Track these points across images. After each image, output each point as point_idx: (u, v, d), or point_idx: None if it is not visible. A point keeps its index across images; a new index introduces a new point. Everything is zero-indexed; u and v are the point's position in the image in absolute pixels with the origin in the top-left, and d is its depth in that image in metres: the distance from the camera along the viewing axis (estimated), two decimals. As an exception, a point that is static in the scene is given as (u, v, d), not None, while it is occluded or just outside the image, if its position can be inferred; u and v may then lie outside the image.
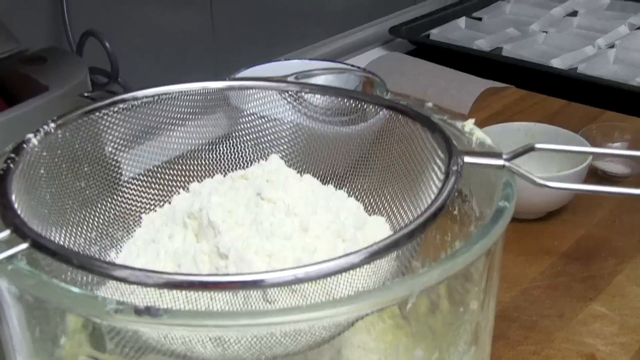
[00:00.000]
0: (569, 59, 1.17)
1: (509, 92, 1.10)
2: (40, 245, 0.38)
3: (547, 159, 0.82)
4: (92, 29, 0.80)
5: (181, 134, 0.55)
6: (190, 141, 0.56)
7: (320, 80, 0.56)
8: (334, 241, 0.45)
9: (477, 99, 1.05)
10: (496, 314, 0.68)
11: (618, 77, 1.11)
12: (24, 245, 0.38)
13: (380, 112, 0.52)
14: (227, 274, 0.40)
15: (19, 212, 0.41)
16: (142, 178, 0.54)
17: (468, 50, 1.21)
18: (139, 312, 0.36)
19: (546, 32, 1.29)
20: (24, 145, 0.46)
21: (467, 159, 0.45)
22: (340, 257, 0.37)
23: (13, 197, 0.42)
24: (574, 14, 1.36)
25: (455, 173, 0.43)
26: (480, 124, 0.92)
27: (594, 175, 0.88)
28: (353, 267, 0.37)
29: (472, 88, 1.06)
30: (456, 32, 1.30)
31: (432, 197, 0.46)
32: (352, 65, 0.85)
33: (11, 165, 0.44)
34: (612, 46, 1.22)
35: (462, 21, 1.33)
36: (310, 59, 0.93)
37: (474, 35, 1.28)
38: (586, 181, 0.80)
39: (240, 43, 1.12)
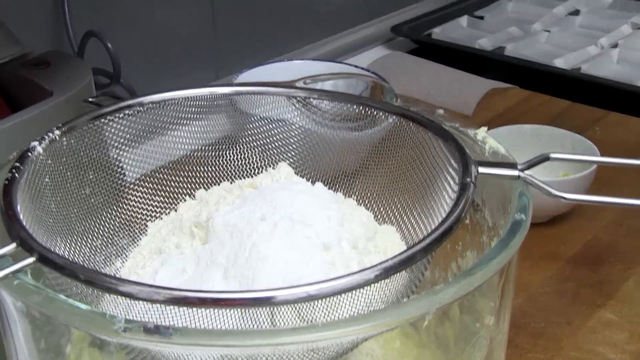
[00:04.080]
0: (572, 58, 1.16)
1: (513, 93, 1.09)
2: (47, 259, 0.37)
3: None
4: (93, 29, 0.79)
5: (186, 139, 0.54)
6: (195, 145, 0.55)
7: (327, 84, 0.55)
8: (348, 253, 0.44)
9: (481, 100, 1.04)
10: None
11: (621, 77, 1.10)
12: (31, 260, 0.37)
13: (390, 119, 0.51)
14: (238, 291, 0.39)
15: (24, 223, 0.40)
16: (147, 185, 0.53)
17: (470, 49, 1.20)
18: (149, 331, 0.35)
19: (549, 31, 1.28)
20: (29, 154, 0.45)
21: (482, 170, 0.44)
22: (354, 273, 0.36)
23: (19, 208, 0.41)
24: (576, 12, 1.35)
25: (470, 184, 0.42)
26: (484, 125, 0.92)
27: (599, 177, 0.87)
28: (368, 283, 0.36)
29: (475, 89, 1.05)
30: (458, 30, 1.29)
31: (445, 207, 0.45)
32: (358, 67, 0.84)
33: (16, 175, 0.43)
34: (615, 46, 1.21)
35: (464, 20, 1.32)
36: (313, 59, 0.92)
37: (476, 34, 1.27)
38: (593, 184, 0.79)
39: (242, 42, 1.11)
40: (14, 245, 0.38)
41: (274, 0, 1.15)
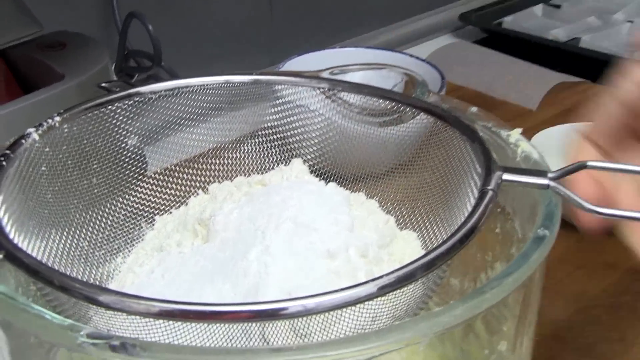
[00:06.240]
0: (653, 52, 1.09)
1: (584, 87, 1.02)
2: (15, 258, 0.34)
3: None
4: (135, 10, 0.77)
5: (203, 131, 0.51)
6: (212, 138, 0.52)
7: (358, 75, 0.51)
8: (355, 262, 0.40)
9: (548, 94, 0.98)
10: (548, 334, 0.63)
11: None
12: (-3, 257, 0.35)
13: (418, 116, 0.47)
14: (224, 304, 0.35)
15: (4, 217, 0.37)
16: (158, 177, 0.50)
17: (541, 40, 1.13)
18: (114, 348, 0.31)
19: (632, 21, 1.20)
20: (23, 141, 0.43)
21: (507, 177, 0.39)
22: (345, 288, 0.33)
23: None
24: (663, 2, 1.27)
25: (488, 192, 0.37)
26: (549, 121, 0.86)
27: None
28: (359, 301, 0.32)
29: (542, 82, 0.99)
30: (532, 20, 1.22)
31: (466, 215, 0.41)
32: (414, 57, 0.80)
33: (3, 164, 0.40)
34: (701, 39, 1.13)
35: (539, 8, 1.25)
36: (367, 47, 0.88)
37: (550, 24, 1.20)
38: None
39: (299, 28, 1.07)
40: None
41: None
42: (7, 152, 0.41)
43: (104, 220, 0.47)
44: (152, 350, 0.32)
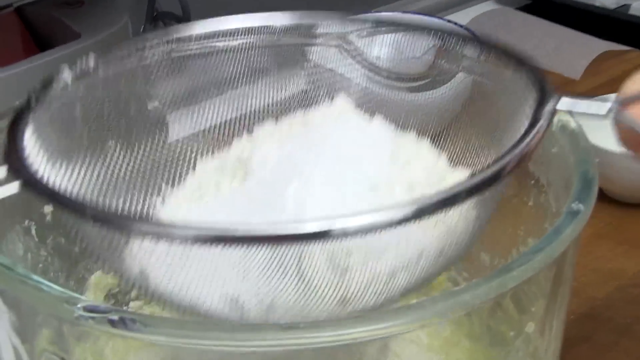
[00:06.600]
0: None
1: (632, 56, 1.00)
2: (36, 185, 0.33)
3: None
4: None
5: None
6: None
7: (387, 39, 0.50)
8: (401, 198, 0.39)
9: (592, 63, 0.96)
10: (584, 312, 0.61)
11: None
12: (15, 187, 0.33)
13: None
14: (245, 223, 0.31)
15: (27, 150, 0.37)
16: (202, 118, 0.49)
17: (588, 7, 1.11)
18: (113, 323, 0.31)
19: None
20: (57, 77, 0.42)
21: (562, 104, 0.37)
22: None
23: (27, 135, 0.37)
24: None
25: (540, 121, 0.35)
26: (593, 92, 0.84)
27: None
28: (389, 224, 0.31)
29: (587, 50, 0.97)
30: (579, -15, 1.19)
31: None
32: (451, 22, 0.78)
33: (34, 98, 0.40)
34: None
35: (586, -27, 1.22)
36: (403, 12, 0.86)
37: (600, -11, 1.17)
38: None
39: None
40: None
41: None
42: (39, 87, 0.41)
43: (143, 161, 0.46)
44: (153, 325, 0.31)
